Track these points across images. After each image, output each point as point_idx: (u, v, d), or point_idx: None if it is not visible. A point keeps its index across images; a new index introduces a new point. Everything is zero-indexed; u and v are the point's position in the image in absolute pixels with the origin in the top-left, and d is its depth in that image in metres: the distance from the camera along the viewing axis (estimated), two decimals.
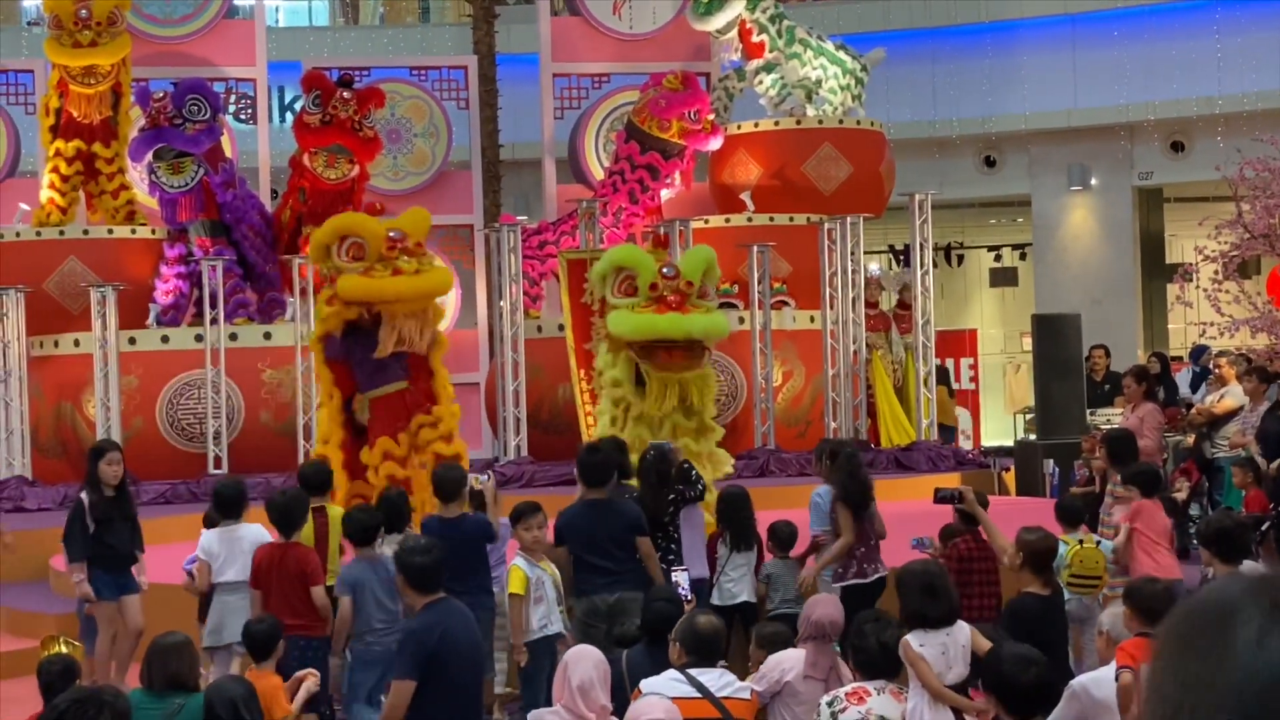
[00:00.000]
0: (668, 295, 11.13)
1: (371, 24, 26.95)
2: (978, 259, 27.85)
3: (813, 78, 18.65)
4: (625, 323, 11.08)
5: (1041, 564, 8.16)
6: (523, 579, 8.50)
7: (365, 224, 11.49)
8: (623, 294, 11.32)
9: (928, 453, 16.65)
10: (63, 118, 17.38)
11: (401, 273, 11.08)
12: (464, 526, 8.92)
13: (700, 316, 11.13)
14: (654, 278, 11.16)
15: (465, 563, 8.69)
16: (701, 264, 11.47)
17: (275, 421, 16.25)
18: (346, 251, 11.21)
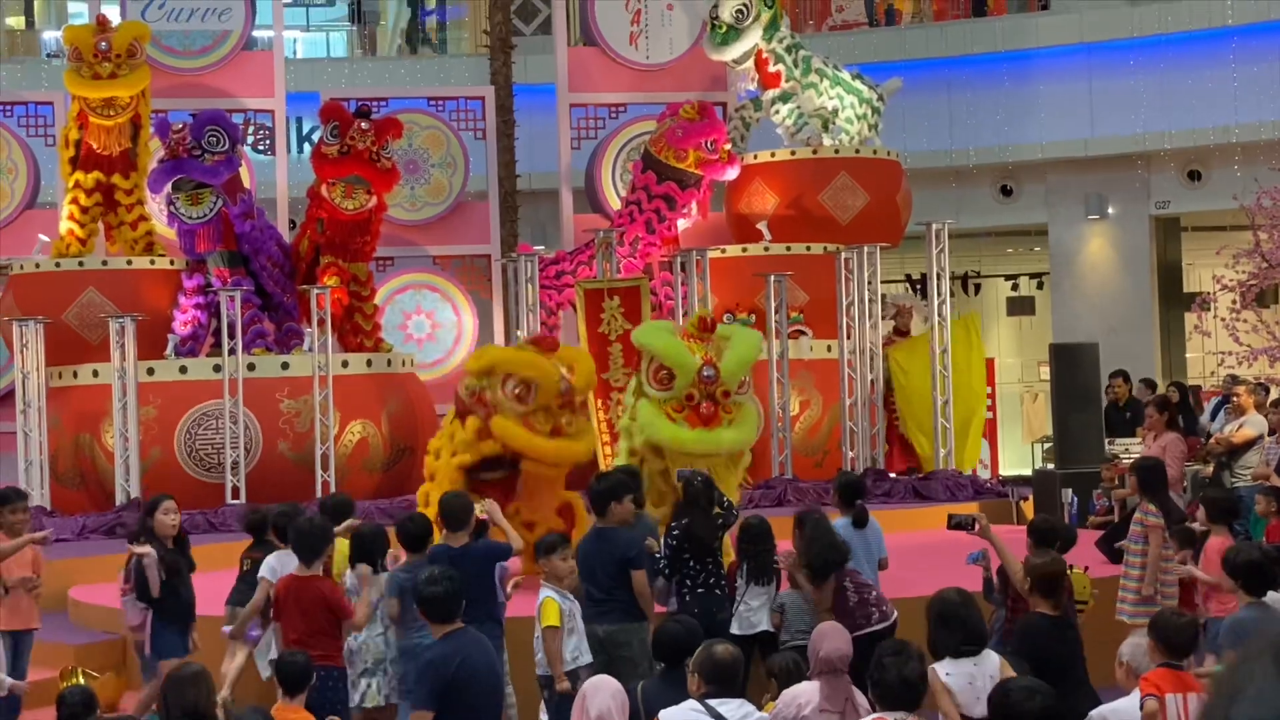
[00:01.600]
0: (702, 404, 11.13)
1: (389, 55, 27.04)
2: (995, 288, 27.82)
3: (829, 107, 18.68)
4: (654, 428, 11.18)
5: (1050, 587, 8.19)
6: (558, 610, 8.50)
7: (544, 371, 11.12)
8: (657, 384, 11.28)
9: (945, 482, 16.61)
10: (82, 149, 17.46)
11: (561, 433, 10.92)
12: (472, 554, 8.88)
13: (727, 432, 11.14)
14: (691, 386, 11.14)
15: (474, 591, 8.67)
16: (743, 369, 11.38)
17: (293, 451, 16.26)
18: (513, 389, 11.10)
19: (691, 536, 9.36)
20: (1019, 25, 24.80)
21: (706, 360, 11.30)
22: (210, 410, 16.07)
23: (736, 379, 11.28)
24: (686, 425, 11.15)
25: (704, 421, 11.15)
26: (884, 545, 10.09)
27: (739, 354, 11.45)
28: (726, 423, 11.24)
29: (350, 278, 17.14)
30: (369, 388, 16.73)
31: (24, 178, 18.80)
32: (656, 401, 11.25)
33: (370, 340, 17.43)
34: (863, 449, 16.88)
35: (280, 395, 16.29)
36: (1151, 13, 23.96)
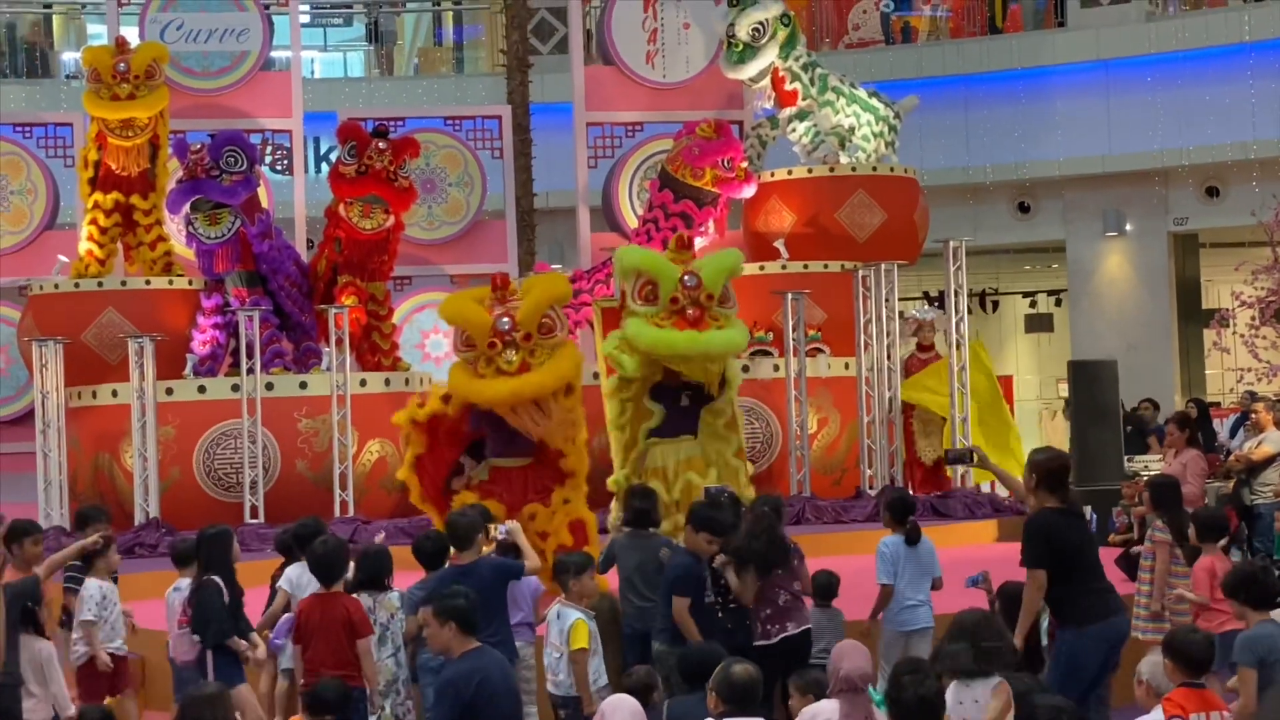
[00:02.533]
0: (688, 309, 11.19)
1: (406, 75, 27.11)
2: (1013, 305, 27.79)
3: (846, 125, 18.68)
4: (643, 336, 11.30)
5: (1056, 481, 8.22)
6: (588, 632, 8.49)
7: (471, 316, 11.01)
8: (643, 299, 11.41)
9: (964, 500, 16.57)
10: (101, 170, 17.53)
11: (504, 373, 10.79)
12: (480, 571, 8.79)
13: (717, 334, 11.19)
14: (675, 290, 11.24)
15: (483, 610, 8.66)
16: (723, 274, 11.53)
17: (311, 470, 16.27)
18: (461, 338, 11.08)
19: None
20: (1036, 42, 24.79)
21: (687, 270, 11.46)
22: (229, 430, 16.10)
23: (718, 283, 11.39)
24: (675, 330, 11.21)
25: (691, 324, 11.23)
26: (938, 564, 9.95)
27: (718, 261, 11.74)
28: (715, 329, 11.28)
29: (368, 297, 17.16)
30: (387, 407, 16.70)
31: (43, 199, 18.87)
32: (643, 316, 11.35)
33: (388, 359, 17.45)
34: (881, 467, 16.84)
35: (298, 414, 16.31)
36: (1169, 29, 23.95)
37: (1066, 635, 8.16)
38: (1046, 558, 8.13)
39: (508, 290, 11.13)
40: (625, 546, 9.71)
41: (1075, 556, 8.17)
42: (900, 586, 9.70)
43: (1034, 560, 8.17)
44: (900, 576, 9.73)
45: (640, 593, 9.49)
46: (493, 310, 10.96)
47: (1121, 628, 8.39)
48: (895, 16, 26.18)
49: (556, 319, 11.10)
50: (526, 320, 10.87)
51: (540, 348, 10.90)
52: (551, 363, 10.89)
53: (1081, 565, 8.21)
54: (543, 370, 10.83)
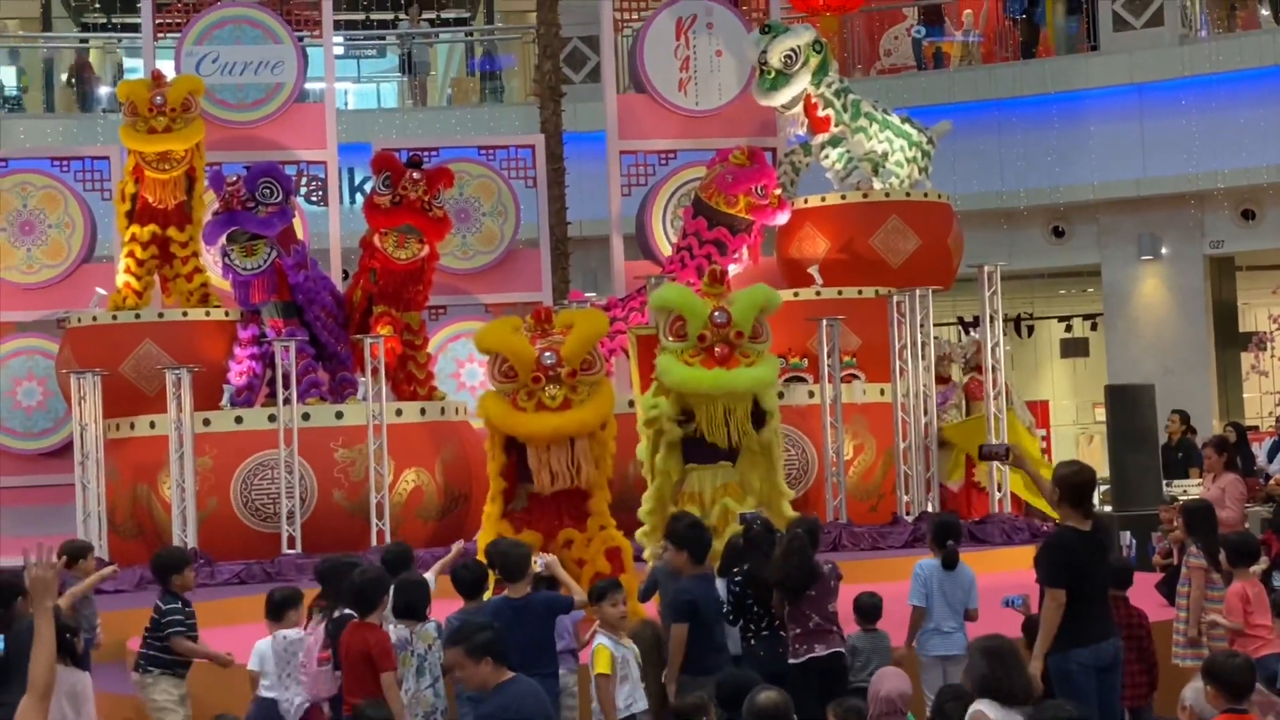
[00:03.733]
0: (716, 346, 11.20)
1: (439, 105, 27.22)
2: (1048, 330, 27.70)
3: (879, 151, 18.67)
4: (671, 373, 11.33)
5: (1078, 497, 8.17)
6: (609, 658, 8.45)
7: (515, 348, 11.01)
8: (674, 336, 11.43)
9: (1001, 525, 16.49)
10: (138, 203, 17.65)
11: (545, 408, 10.80)
12: (534, 605, 8.82)
13: (743, 372, 11.18)
14: (704, 327, 11.25)
15: (534, 643, 8.65)
16: (754, 310, 11.53)
17: (348, 500, 16.31)
18: (500, 368, 11.07)
19: (755, 581, 9.32)
20: (1068, 66, 24.75)
21: (718, 306, 11.46)
22: (266, 460, 16.15)
23: (748, 320, 11.39)
24: (702, 368, 11.24)
25: (719, 363, 11.26)
26: (975, 594, 9.89)
27: (750, 297, 11.72)
28: (744, 366, 11.27)
29: (403, 327, 17.21)
30: (423, 436, 16.77)
31: (81, 232, 19.00)
32: (674, 353, 11.38)
33: (423, 389, 17.49)
34: (917, 493, 16.80)
35: (335, 444, 16.35)
36: (1202, 52, 23.89)
37: (1054, 660, 8.14)
38: (1065, 576, 8.10)
39: (549, 322, 11.15)
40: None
41: (1082, 580, 8.15)
42: (934, 611, 9.66)
43: (1053, 579, 8.15)
44: (934, 601, 9.68)
45: None
46: (533, 342, 10.98)
47: (1107, 652, 8.34)
48: (927, 42, 26.17)
49: (596, 356, 11.15)
50: (572, 357, 10.89)
51: (582, 384, 10.93)
52: (593, 400, 10.93)
53: (1084, 589, 8.18)
54: (585, 408, 10.87)
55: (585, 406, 10.89)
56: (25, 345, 18.83)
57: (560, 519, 11.09)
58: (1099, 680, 8.23)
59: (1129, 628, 9.35)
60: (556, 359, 10.84)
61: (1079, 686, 8.08)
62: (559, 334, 11.12)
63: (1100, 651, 8.25)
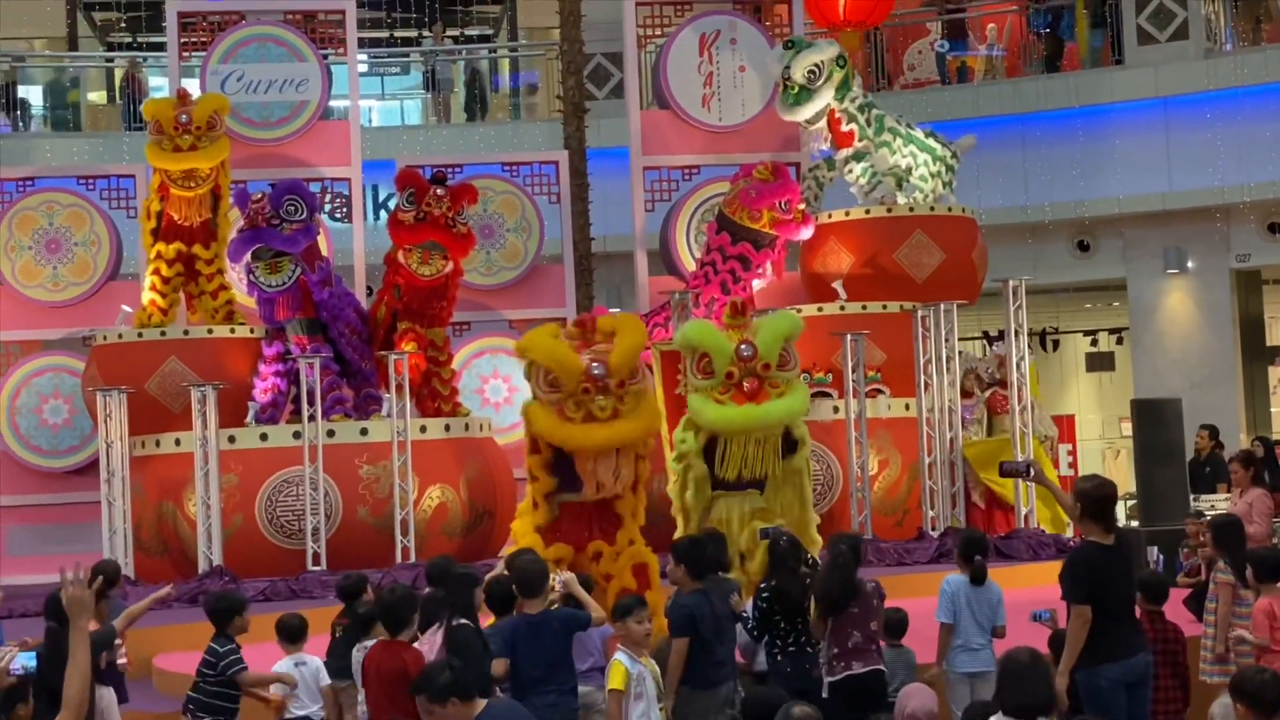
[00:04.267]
0: (744, 381, 11.15)
1: (463, 122, 27.26)
2: (1074, 344, 27.59)
3: (903, 165, 18.65)
4: (703, 414, 11.30)
5: (1100, 511, 8.11)
6: (624, 674, 8.39)
7: (563, 358, 10.90)
8: (701, 373, 11.39)
9: (1028, 540, 16.42)
10: (163, 221, 17.70)
11: (594, 419, 10.74)
12: (550, 623, 8.75)
13: (775, 404, 11.13)
14: (730, 363, 11.20)
15: (551, 659, 8.62)
16: (779, 340, 11.46)
17: (373, 517, 16.32)
18: (544, 378, 10.97)
19: (781, 596, 9.29)
20: (1093, 80, 24.69)
21: (743, 340, 11.41)
22: (291, 477, 16.17)
23: (774, 351, 11.33)
24: (733, 405, 11.17)
25: (749, 397, 11.21)
26: (1003, 611, 9.82)
27: (774, 327, 11.63)
28: (775, 398, 11.22)
29: (428, 343, 17.23)
30: (447, 452, 16.78)
31: (106, 249, 19.07)
32: (703, 391, 11.33)
33: (448, 405, 17.50)
34: (943, 508, 16.74)
35: (359, 461, 16.37)
36: (1226, 65, 23.80)
37: (1082, 675, 8.08)
38: (1088, 592, 8.05)
39: (594, 330, 11.09)
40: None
41: (1106, 594, 8.10)
42: (962, 627, 9.61)
43: (1077, 595, 8.10)
44: (962, 617, 9.63)
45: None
46: (579, 351, 10.92)
47: (1138, 667, 8.28)
48: (951, 57, 26.14)
49: (640, 365, 11.13)
50: (620, 367, 10.83)
51: (629, 394, 10.89)
52: (641, 410, 10.91)
53: (1109, 603, 8.13)
54: (635, 418, 10.83)
55: (634, 417, 10.83)
56: (51, 363, 18.91)
57: (590, 531, 11.06)
58: (1129, 696, 8.17)
59: (1164, 643, 9.30)
60: (605, 369, 10.78)
61: (1109, 703, 8.03)
62: (603, 342, 11.05)
63: (1131, 667, 8.19)
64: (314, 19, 19.93)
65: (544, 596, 8.92)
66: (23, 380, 18.81)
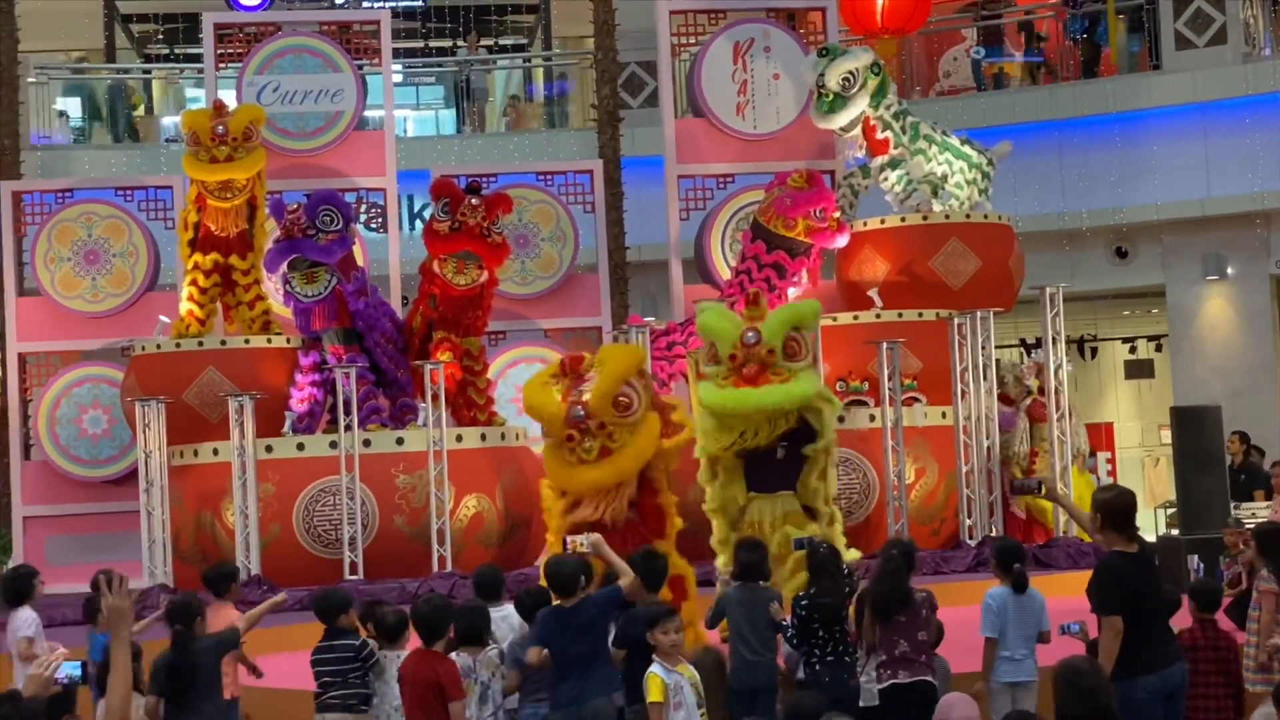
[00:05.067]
0: (745, 366, 11.12)
1: (497, 131, 27.32)
2: (1112, 351, 27.43)
3: (938, 173, 18.60)
4: (705, 397, 11.34)
5: (1122, 521, 8.04)
6: (661, 686, 8.38)
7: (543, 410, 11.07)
8: (710, 360, 11.38)
9: (1067, 549, 16.34)
10: (201, 231, 17.78)
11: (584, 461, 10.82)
12: (586, 608, 8.70)
13: (771, 389, 11.07)
14: (733, 347, 11.17)
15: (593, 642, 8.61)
16: (784, 326, 11.39)
17: (409, 526, 16.34)
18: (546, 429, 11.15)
19: (820, 605, 9.26)
20: (1130, 86, 24.56)
21: (750, 327, 11.36)
22: (327, 486, 16.21)
23: (778, 336, 11.25)
24: (732, 389, 11.18)
25: (748, 382, 11.18)
26: (1046, 617, 9.71)
27: (780, 315, 11.60)
28: (778, 383, 11.14)
29: (463, 352, 17.25)
30: (483, 462, 16.79)
31: (144, 260, 19.18)
32: (711, 378, 11.37)
33: (484, 414, 17.51)
34: (980, 516, 16.67)
35: (396, 470, 16.40)
36: (1265, 69, 23.64)
37: (1120, 687, 7.97)
38: (1119, 603, 7.97)
39: (580, 368, 11.07)
40: (734, 600, 9.63)
41: (1136, 604, 8.02)
42: (1006, 638, 9.54)
43: (1107, 607, 7.98)
44: (1006, 628, 9.56)
45: (751, 646, 9.41)
46: (568, 394, 10.92)
47: (1176, 678, 8.20)
48: (987, 63, 26.04)
49: (634, 393, 10.97)
50: (599, 407, 10.79)
51: (619, 428, 10.80)
52: (632, 444, 10.80)
53: (1142, 613, 8.05)
54: (623, 455, 10.77)
55: (623, 453, 10.78)
56: (91, 373, 19.04)
57: (625, 544, 11.06)
58: (1165, 709, 8.09)
59: (1215, 650, 9.24)
60: (585, 412, 10.78)
61: (1147, 716, 7.95)
62: (590, 379, 11.03)
63: (1168, 678, 8.12)
64: (349, 30, 20.03)
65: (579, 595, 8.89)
66: (62, 391, 18.95)
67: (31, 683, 5.65)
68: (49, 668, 5.68)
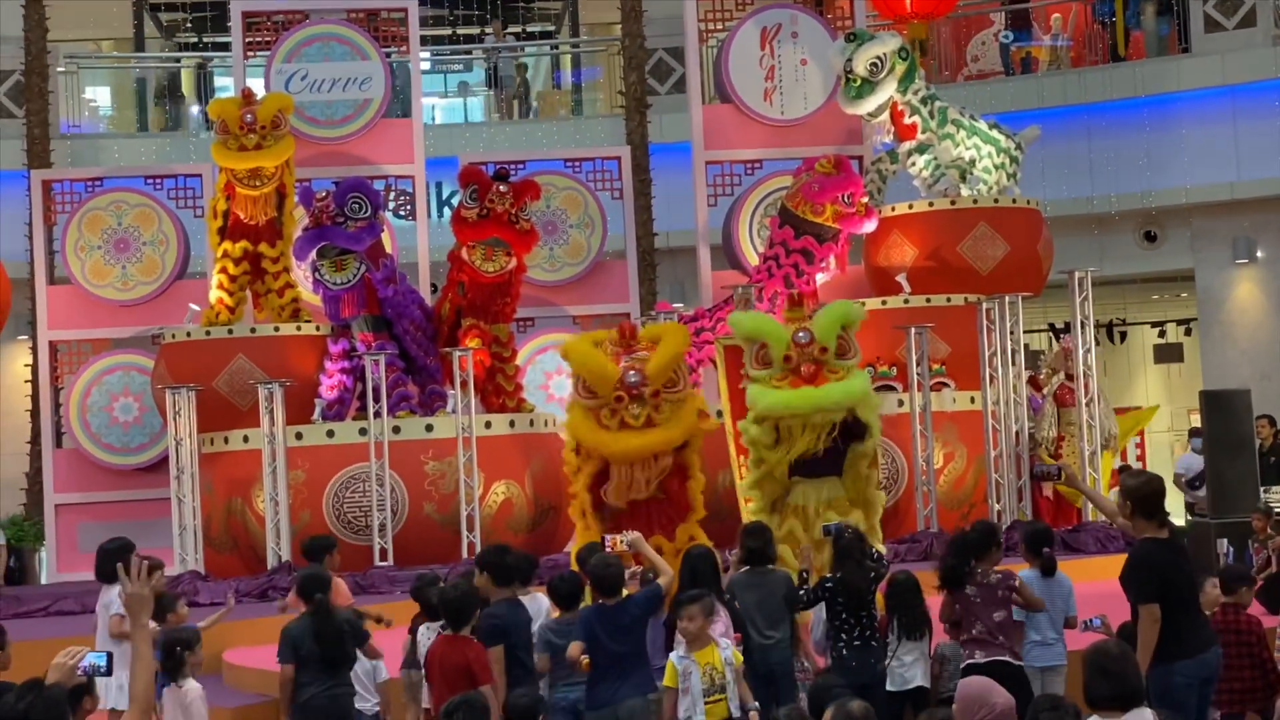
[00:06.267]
0: (802, 366, 11.13)
1: (525, 118, 27.34)
2: (1141, 335, 27.35)
3: (966, 158, 18.55)
4: (761, 400, 11.23)
5: (1152, 507, 8.03)
6: (673, 670, 8.47)
7: (597, 368, 11.11)
8: (759, 364, 11.36)
9: (1095, 534, 16.30)
10: (230, 219, 17.85)
11: (628, 426, 10.87)
12: (629, 609, 8.77)
13: (833, 387, 11.09)
14: (786, 348, 11.17)
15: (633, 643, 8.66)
16: (835, 325, 11.38)
17: (439, 513, 16.40)
18: (582, 385, 11.14)
19: (846, 589, 9.29)
20: (1159, 69, 24.46)
21: (801, 327, 11.38)
22: (357, 473, 16.27)
23: (831, 336, 11.27)
24: (790, 389, 11.17)
25: (807, 381, 11.17)
26: (1073, 601, 9.76)
27: (831, 314, 11.55)
28: (834, 381, 11.17)
29: (492, 339, 17.29)
30: (512, 448, 16.84)
31: (174, 249, 19.28)
32: (762, 380, 11.32)
33: (513, 401, 17.56)
34: (1009, 501, 16.64)
35: (425, 457, 16.46)
36: None
37: (1156, 672, 7.96)
38: (1156, 590, 7.95)
39: (634, 339, 11.14)
40: (744, 585, 9.66)
41: (1171, 590, 8.01)
42: (1036, 621, 9.55)
43: (1145, 594, 7.96)
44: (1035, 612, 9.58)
45: (761, 630, 9.44)
46: (618, 359, 10.97)
47: (1212, 663, 8.21)
48: (1015, 48, 25.96)
49: (680, 373, 11.13)
50: (657, 375, 10.90)
51: (666, 402, 10.94)
52: (676, 418, 10.93)
53: (1176, 599, 8.04)
54: (669, 426, 10.90)
55: (669, 425, 10.91)
56: (121, 361, 19.16)
57: (650, 526, 11.10)
58: (1201, 690, 8.09)
59: (1237, 634, 9.24)
60: (641, 378, 10.84)
61: (1182, 701, 7.93)
62: (644, 350, 11.11)
63: (1204, 663, 8.11)
64: (377, 17, 20.07)
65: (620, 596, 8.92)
66: (93, 379, 19.07)
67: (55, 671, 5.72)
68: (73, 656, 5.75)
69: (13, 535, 19.88)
